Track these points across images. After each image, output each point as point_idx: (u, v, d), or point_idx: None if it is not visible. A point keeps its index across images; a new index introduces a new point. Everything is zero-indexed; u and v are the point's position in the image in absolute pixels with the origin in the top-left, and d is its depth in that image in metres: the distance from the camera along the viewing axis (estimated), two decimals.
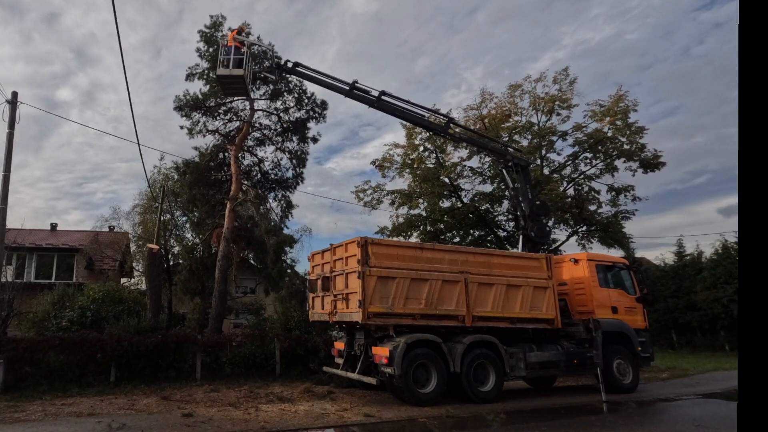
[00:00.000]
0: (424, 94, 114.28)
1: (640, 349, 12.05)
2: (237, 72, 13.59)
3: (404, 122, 19.35)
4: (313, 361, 13.37)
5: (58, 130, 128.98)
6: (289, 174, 20.01)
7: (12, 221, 13.14)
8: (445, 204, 23.06)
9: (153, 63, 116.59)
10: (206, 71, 17.93)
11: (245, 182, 18.94)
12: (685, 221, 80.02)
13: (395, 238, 22.04)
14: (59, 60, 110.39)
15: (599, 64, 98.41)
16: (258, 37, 17.29)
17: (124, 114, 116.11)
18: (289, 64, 14.46)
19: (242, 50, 13.90)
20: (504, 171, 16.13)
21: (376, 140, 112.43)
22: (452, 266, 10.50)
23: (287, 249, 18.30)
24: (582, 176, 21.87)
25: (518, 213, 15.82)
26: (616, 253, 21.06)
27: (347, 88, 13.71)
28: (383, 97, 13.82)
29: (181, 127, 18.51)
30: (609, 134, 20.36)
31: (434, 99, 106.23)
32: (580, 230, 21.95)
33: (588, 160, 21.49)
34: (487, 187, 22.96)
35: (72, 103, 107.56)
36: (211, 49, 17.61)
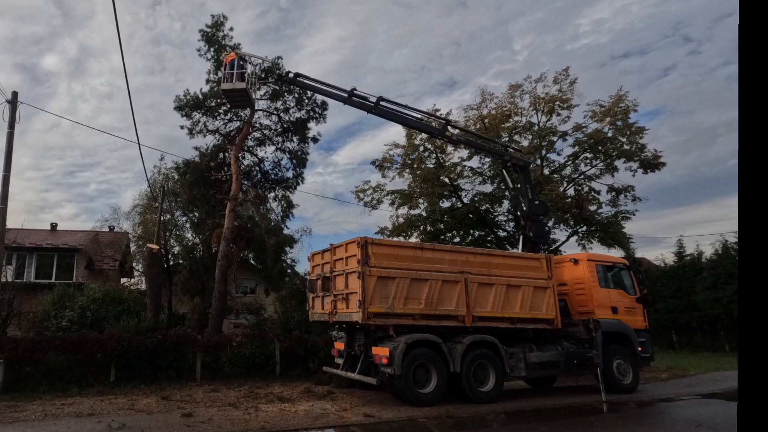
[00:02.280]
0: (453, 48, 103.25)
1: (640, 349, 12.04)
2: (240, 86, 14.16)
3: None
4: (313, 361, 13.36)
5: (45, 111, 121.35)
6: (290, 174, 20.06)
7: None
8: (445, 204, 23.06)
9: (150, 19, 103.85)
10: (208, 72, 18.02)
11: (245, 182, 18.95)
12: (720, 214, 72.16)
13: (395, 238, 22.03)
14: (42, 18, 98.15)
15: (670, 13, 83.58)
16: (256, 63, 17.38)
17: (117, 85, 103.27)
18: (291, 75, 14.91)
19: (244, 63, 14.48)
20: (504, 171, 16.15)
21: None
22: (452, 266, 10.50)
23: (287, 249, 18.31)
24: (582, 176, 21.86)
25: (518, 213, 15.83)
26: (616, 254, 21.07)
27: (346, 95, 14.06)
28: (381, 103, 14.09)
29: (182, 127, 18.56)
30: (609, 135, 20.36)
31: (473, 61, 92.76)
32: (580, 230, 21.95)
33: (588, 161, 21.48)
34: (487, 188, 22.98)
35: (59, 74, 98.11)
36: (212, 49, 17.62)
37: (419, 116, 15.56)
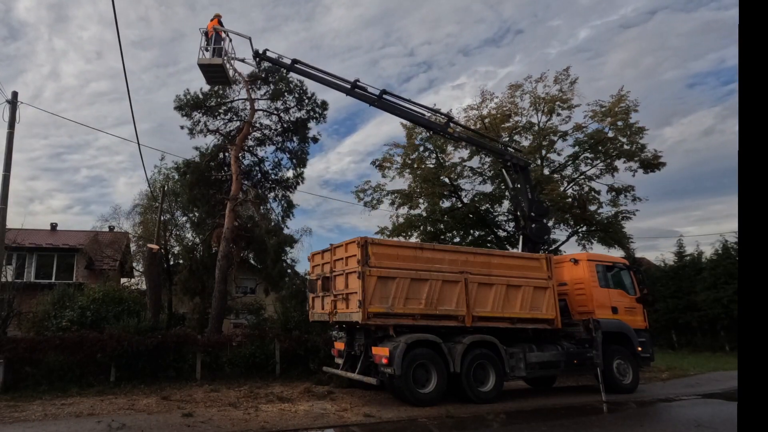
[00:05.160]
0: None
1: (640, 349, 12.04)
2: (216, 61, 13.98)
3: (405, 121, 19.41)
4: (313, 361, 13.36)
5: (23, 77, 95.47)
6: (290, 174, 20.09)
7: None
8: (445, 204, 23.07)
9: None
10: None
11: (245, 182, 18.96)
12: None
13: (395, 238, 22.03)
14: None
15: None
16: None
17: (106, 41, 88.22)
18: (287, 61, 14.30)
19: (222, 39, 14.25)
20: (504, 171, 16.14)
21: (429, 91, 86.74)
22: (452, 266, 10.50)
23: (287, 249, 18.30)
24: (582, 176, 21.89)
25: (518, 213, 15.83)
26: (616, 254, 21.08)
27: (348, 86, 13.87)
28: (384, 96, 13.97)
29: (182, 127, 18.61)
30: (609, 135, 20.37)
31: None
32: (580, 230, 21.97)
33: (588, 161, 21.51)
34: (487, 188, 23.01)
35: (36, 25, 79.00)
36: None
37: (421, 111, 15.48)
